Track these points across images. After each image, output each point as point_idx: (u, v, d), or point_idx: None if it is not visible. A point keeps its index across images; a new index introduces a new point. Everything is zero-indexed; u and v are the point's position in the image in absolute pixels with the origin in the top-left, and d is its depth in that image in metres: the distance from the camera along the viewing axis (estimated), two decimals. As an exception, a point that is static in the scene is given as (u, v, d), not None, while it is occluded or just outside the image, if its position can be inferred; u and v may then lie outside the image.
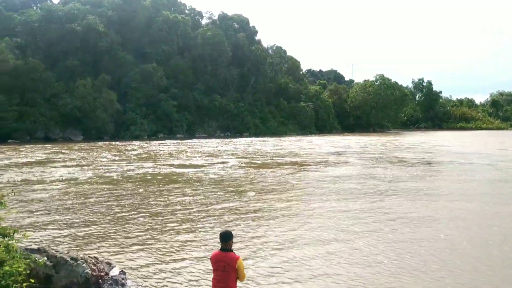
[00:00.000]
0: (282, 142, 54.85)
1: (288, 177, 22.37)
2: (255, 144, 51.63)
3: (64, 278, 7.26)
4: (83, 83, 63.59)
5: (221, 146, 46.92)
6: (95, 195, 17.14)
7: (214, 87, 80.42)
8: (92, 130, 62.59)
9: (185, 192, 17.72)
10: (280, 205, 15.01)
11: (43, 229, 11.88)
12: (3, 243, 4.49)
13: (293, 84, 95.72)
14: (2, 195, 4.65)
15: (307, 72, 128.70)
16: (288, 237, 10.99)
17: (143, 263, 9.20)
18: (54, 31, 68.28)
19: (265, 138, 65.02)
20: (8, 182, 20.23)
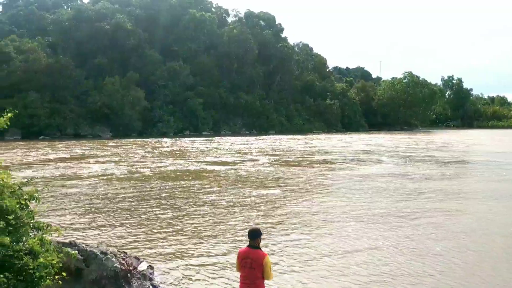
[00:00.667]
0: (312, 140, 54.43)
1: (319, 176, 22.14)
2: (284, 141, 51.42)
3: (94, 271, 7.40)
4: (111, 81, 64.75)
5: (250, 144, 46.91)
6: (125, 191, 17.41)
7: (240, 85, 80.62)
8: (120, 127, 63.66)
9: (214, 190, 17.79)
10: (311, 204, 14.83)
11: (74, 223, 12.15)
12: (37, 236, 4.60)
13: (319, 81, 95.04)
14: (36, 190, 4.76)
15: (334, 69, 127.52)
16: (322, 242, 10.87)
17: (170, 258, 9.28)
18: (84, 30, 69.75)
19: (293, 136, 64.72)
20: (43, 177, 20.78)
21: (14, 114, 4.64)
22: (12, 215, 4.26)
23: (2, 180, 4.41)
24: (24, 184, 4.75)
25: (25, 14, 78.76)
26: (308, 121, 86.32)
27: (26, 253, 4.33)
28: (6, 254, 4.15)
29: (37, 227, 4.65)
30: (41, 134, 57.80)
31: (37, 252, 4.40)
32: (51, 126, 59.47)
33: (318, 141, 52.23)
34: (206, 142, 49.14)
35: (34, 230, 4.64)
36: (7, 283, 4.07)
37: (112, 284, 7.37)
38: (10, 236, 4.24)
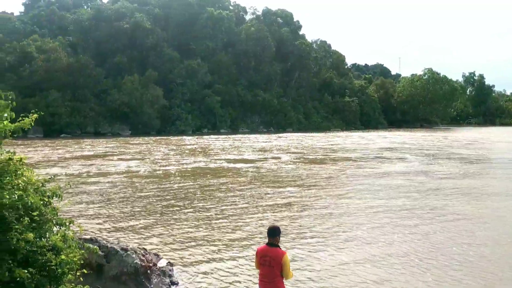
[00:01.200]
0: (333, 138, 54.08)
1: (340, 174, 21.94)
2: (305, 139, 51.22)
3: (115, 267, 7.49)
4: (130, 80, 65.42)
5: (271, 142, 46.80)
6: (146, 188, 17.58)
7: (258, 83, 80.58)
8: (139, 125, 64.29)
9: (234, 187, 17.81)
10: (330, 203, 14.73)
11: (95, 220, 12.32)
12: (60, 233, 4.67)
13: (338, 78, 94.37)
14: (59, 186, 4.83)
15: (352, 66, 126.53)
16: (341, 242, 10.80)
17: (189, 255, 9.33)
18: (104, 29, 70.60)
19: (312, 134, 64.40)
20: (66, 174, 21.12)
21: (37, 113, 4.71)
22: (36, 211, 4.34)
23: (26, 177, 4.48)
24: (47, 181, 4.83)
25: (46, 14, 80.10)
26: (326, 118, 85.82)
27: (49, 249, 4.40)
28: (30, 250, 4.22)
29: (60, 223, 4.72)
30: (62, 132, 58.80)
31: (59, 248, 4.46)
32: (72, 125, 60.41)
33: (339, 139, 51.82)
34: (227, 140, 49.23)
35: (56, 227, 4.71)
36: (31, 278, 4.14)
37: (133, 280, 7.46)
38: (34, 232, 4.32)
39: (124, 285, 7.41)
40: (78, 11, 77.57)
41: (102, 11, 73.66)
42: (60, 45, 65.72)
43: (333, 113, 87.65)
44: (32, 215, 4.34)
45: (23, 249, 4.13)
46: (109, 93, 64.67)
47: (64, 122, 59.37)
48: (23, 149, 34.04)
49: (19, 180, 4.37)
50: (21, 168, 4.50)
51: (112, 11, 73.62)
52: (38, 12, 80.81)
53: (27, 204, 4.22)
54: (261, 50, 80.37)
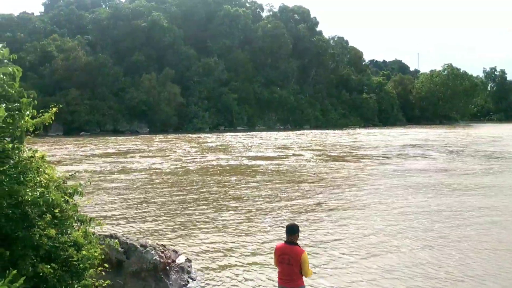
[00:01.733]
0: (354, 135, 53.67)
1: (362, 171, 21.73)
2: (326, 136, 50.94)
3: (134, 264, 7.56)
4: (148, 78, 65.99)
5: (291, 139, 46.62)
6: (166, 185, 17.74)
7: (274, 80, 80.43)
8: (157, 122, 64.81)
9: (254, 185, 17.81)
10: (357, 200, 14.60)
11: (114, 216, 12.47)
12: (81, 229, 4.74)
13: (355, 75, 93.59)
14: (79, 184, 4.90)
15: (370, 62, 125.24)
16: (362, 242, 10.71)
17: (207, 252, 9.37)
18: (121, 27, 71.31)
19: (333, 131, 63.94)
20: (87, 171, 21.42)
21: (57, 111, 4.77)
22: (57, 208, 4.41)
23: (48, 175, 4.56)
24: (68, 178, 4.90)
25: (65, 14, 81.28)
26: (344, 115, 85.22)
27: (71, 245, 4.47)
28: (52, 245, 4.29)
29: (81, 220, 4.79)
30: (81, 130, 59.65)
31: (81, 244, 4.53)
32: (91, 122, 61.24)
33: (361, 136, 51.42)
34: (247, 137, 49.25)
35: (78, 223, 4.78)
36: (54, 273, 4.21)
37: (152, 276, 7.52)
38: (56, 228, 4.39)
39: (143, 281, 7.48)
40: (97, 11, 78.55)
41: (120, 10, 74.42)
42: (79, 44, 66.67)
43: (351, 110, 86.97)
44: (54, 212, 4.41)
45: (46, 245, 4.20)
46: (127, 91, 65.35)
47: (83, 120, 60.23)
48: (47, 146, 34.62)
49: (41, 177, 4.44)
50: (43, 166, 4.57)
51: (129, 9, 74.30)
52: (58, 12, 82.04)
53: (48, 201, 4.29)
54: (277, 47, 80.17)
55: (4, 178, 4.08)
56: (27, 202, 4.13)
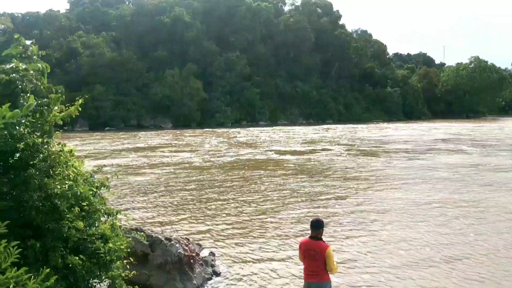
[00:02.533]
0: (382, 129, 52.92)
1: (395, 166, 21.34)
2: (353, 130, 50.45)
3: (159, 257, 7.66)
4: (171, 73, 66.56)
5: (321, 133, 46.31)
6: (192, 179, 17.88)
7: (297, 74, 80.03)
8: (180, 117, 65.32)
9: (281, 179, 17.72)
10: (388, 197, 14.34)
11: (140, 210, 12.66)
12: (108, 222, 4.82)
13: (379, 69, 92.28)
14: (106, 178, 4.99)
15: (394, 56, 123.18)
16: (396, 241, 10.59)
17: (231, 246, 9.43)
18: (145, 23, 72.06)
19: (360, 125, 63.22)
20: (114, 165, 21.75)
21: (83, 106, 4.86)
22: (85, 201, 4.50)
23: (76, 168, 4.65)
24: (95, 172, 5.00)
25: (90, 11, 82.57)
26: (367, 109, 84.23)
27: (98, 237, 4.56)
28: (81, 238, 4.39)
29: (108, 213, 4.88)
30: (106, 125, 60.64)
31: (108, 236, 4.62)
32: (116, 118, 62.19)
33: (390, 130, 50.67)
34: (275, 132, 49.07)
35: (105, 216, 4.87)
36: (82, 265, 4.31)
37: (176, 269, 7.61)
38: (84, 221, 4.48)
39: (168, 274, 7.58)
40: (121, 7, 79.57)
41: (143, 6, 75.20)
42: (103, 41, 67.71)
43: (374, 104, 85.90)
44: (82, 205, 4.50)
45: (74, 237, 4.30)
46: (151, 87, 66.08)
47: (108, 116, 61.21)
48: (78, 141, 35.25)
49: (69, 171, 4.54)
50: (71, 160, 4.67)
51: (152, 5, 75.00)
52: (83, 9, 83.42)
53: (77, 194, 4.38)
54: (300, 41, 79.67)
55: (34, 172, 4.19)
56: (56, 195, 4.22)
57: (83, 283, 4.48)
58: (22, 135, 4.12)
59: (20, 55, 4.34)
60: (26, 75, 4.21)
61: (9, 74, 4.17)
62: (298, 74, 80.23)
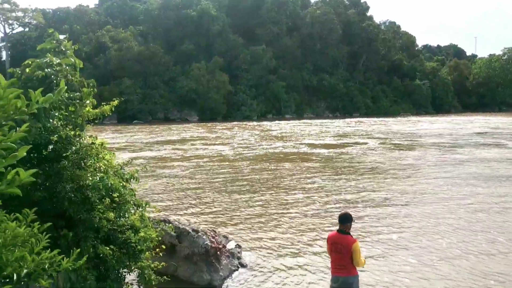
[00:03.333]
0: (417, 122, 51.94)
1: (431, 160, 20.87)
2: (386, 124, 49.77)
3: (186, 248, 7.77)
4: (197, 66, 66.98)
5: (353, 126, 45.86)
6: (223, 172, 17.98)
7: (323, 67, 79.30)
8: (206, 110, 65.74)
9: (314, 173, 17.57)
10: (428, 192, 14.05)
11: (167, 201, 12.84)
12: (137, 213, 4.92)
13: (408, 61, 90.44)
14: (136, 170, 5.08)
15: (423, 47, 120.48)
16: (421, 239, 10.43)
17: (257, 238, 9.46)
18: (171, 17, 72.60)
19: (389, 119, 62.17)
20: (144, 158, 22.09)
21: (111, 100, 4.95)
22: (116, 193, 4.60)
23: (107, 161, 4.76)
24: (125, 164, 5.10)
25: (118, 5, 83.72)
26: (395, 102, 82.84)
27: (128, 228, 4.66)
28: (111, 228, 4.50)
29: (137, 204, 4.98)
30: (134, 118, 61.56)
31: (137, 227, 4.72)
32: (143, 111, 63.05)
33: (424, 123, 49.78)
34: (307, 125, 48.86)
35: (134, 207, 4.97)
36: (112, 255, 4.41)
37: (203, 261, 7.70)
38: (114, 212, 4.59)
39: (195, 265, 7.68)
40: (148, 1, 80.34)
41: (170, 0, 75.72)
42: (131, 35, 68.57)
43: (403, 97, 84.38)
44: (113, 196, 4.61)
45: (105, 227, 4.41)
46: (177, 80, 66.68)
47: (136, 109, 62.11)
48: (112, 134, 35.86)
49: (100, 163, 4.65)
50: (102, 152, 4.78)
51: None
52: (111, 3, 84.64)
53: (108, 186, 4.49)
54: (327, 33, 78.80)
55: (67, 164, 4.30)
56: (88, 187, 4.33)
57: (113, 273, 4.60)
58: (55, 128, 4.23)
59: (54, 49, 4.46)
60: (60, 70, 4.32)
61: (44, 69, 4.29)
62: (325, 66, 79.49)
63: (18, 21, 74.71)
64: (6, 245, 2.17)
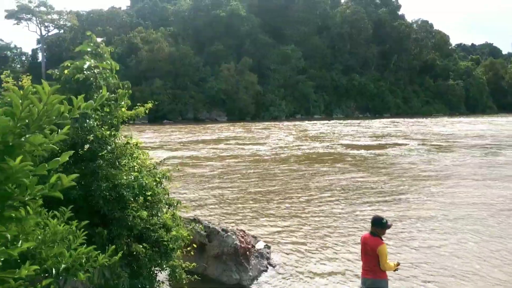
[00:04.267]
0: (456, 123, 50.52)
1: (478, 163, 20.20)
2: (425, 124, 48.76)
3: (216, 247, 7.82)
4: (227, 67, 67.40)
5: (389, 127, 45.23)
6: (252, 172, 18.00)
7: (353, 66, 78.48)
8: (235, 111, 66.05)
9: (351, 174, 17.34)
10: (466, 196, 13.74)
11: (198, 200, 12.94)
12: (169, 212, 4.99)
13: (441, 60, 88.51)
14: (168, 169, 5.15)
15: (457, 46, 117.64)
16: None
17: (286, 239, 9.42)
18: (201, 18, 73.33)
19: (424, 119, 60.91)
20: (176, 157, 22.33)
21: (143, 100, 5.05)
22: (150, 191, 4.68)
23: (140, 160, 4.85)
24: (158, 164, 5.18)
25: (149, 6, 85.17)
26: (427, 103, 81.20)
27: (160, 226, 4.74)
28: (144, 226, 4.58)
29: (169, 203, 5.06)
30: (164, 118, 62.39)
31: (169, 226, 4.79)
32: (174, 111, 63.88)
33: (463, 124, 48.53)
34: (345, 125, 48.45)
35: (166, 206, 5.05)
36: (145, 253, 4.49)
37: (232, 260, 7.73)
38: (147, 211, 4.68)
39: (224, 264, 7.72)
40: (178, 2, 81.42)
41: (200, 1, 76.47)
42: (162, 36, 69.62)
43: (435, 97, 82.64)
44: (146, 195, 4.69)
45: (139, 225, 4.49)
46: (207, 81, 67.28)
47: (166, 109, 62.97)
48: (151, 133, 36.30)
49: (134, 163, 4.74)
50: (136, 151, 4.87)
51: (209, 0, 76.10)
52: (143, 5, 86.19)
53: (142, 185, 4.57)
54: (357, 32, 77.95)
55: (102, 163, 4.41)
56: (122, 185, 4.42)
57: (146, 271, 4.68)
58: (92, 128, 4.35)
59: (91, 51, 4.58)
60: (100, 72, 4.43)
61: (82, 71, 4.41)
62: (355, 66, 78.66)
63: (54, 23, 77.03)
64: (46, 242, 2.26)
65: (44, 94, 1.46)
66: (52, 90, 1.48)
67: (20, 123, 1.42)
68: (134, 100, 5.09)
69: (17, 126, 1.42)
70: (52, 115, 1.49)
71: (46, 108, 1.46)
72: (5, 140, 1.42)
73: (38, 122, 1.46)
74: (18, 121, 1.42)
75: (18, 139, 1.43)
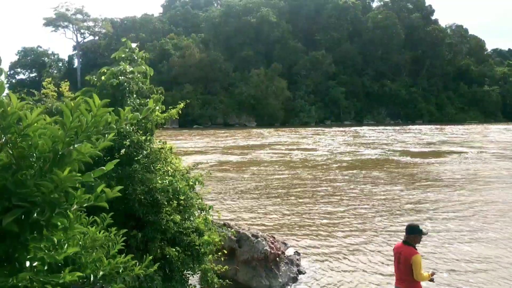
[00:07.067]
0: (500, 132, 48.88)
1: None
2: (480, 132, 47.56)
3: (246, 252, 7.82)
4: (256, 72, 67.70)
5: (436, 135, 44.25)
6: (286, 178, 17.88)
7: (385, 72, 77.45)
8: (265, 116, 66.21)
9: (393, 182, 16.93)
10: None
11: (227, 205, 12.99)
12: (202, 216, 5.04)
13: (476, 66, 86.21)
14: (200, 174, 5.21)
15: (493, 52, 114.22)
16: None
17: (316, 246, 9.34)
18: (232, 24, 74.03)
19: (471, 126, 59.20)
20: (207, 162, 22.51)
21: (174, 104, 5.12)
22: (183, 196, 4.74)
23: (174, 165, 4.93)
24: (191, 169, 5.25)
25: (181, 13, 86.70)
26: (462, 110, 79.16)
27: (193, 230, 4.78)
28: (177, 230, 4.64)
29: (201, 208, 5.11)
30: (194, 123, 63.19)
31: (202, 230, 4.83)
32: (204, 116, 64.61)
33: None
34: (395, 132, 47.79)
35: (199, 211, 5.10)
36: (178, 256, 4.55)
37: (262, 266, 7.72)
38: (181, 215, 4.73)
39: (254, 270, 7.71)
40: (209, 9, 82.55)
41: (231, 8, 77.29)
42: (193, 42, 70.69)
43: (470, 104, 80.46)
44: (180, 199, 4.75)
45: (172, 229, 4.55)
46: (237, 86, 67.76)
47: (196, 114, 63.77)
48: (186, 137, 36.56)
49: (168, 167, 4.82)
50: (170, 156, 4.95)
51: (240, 6, 76.83)
52: (174, 12, 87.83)
53: (176, 189, 4.63)
54: (388, 38, 76.95)
55: (138, 167, 4.50)
56: (157, 190, 4.49)
57: (178, 274, 4.73)
58: (128, 133, 4.44)
59: (127, 58, 4.69)
60: (133, 77, 4.54)
61: (118, 76, 4.52)
62: (386, 72, 77.61)
63: (89, 30, 79.43)
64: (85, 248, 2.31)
65: (94, 107, 1.53)
66: (101, 104, 1.55)
67: (70, 132, 1.49)
68: (165, 105, 5.18)
69: (66, 135, 1.49)
70: (99, 125, 1.55)
71: (95, 120, 1.53)
72: (55, 148, 1.48)
73: (87, 132, 1.52)
74: (68, 131, 1.49)
75: (67, 148, 1.50)
